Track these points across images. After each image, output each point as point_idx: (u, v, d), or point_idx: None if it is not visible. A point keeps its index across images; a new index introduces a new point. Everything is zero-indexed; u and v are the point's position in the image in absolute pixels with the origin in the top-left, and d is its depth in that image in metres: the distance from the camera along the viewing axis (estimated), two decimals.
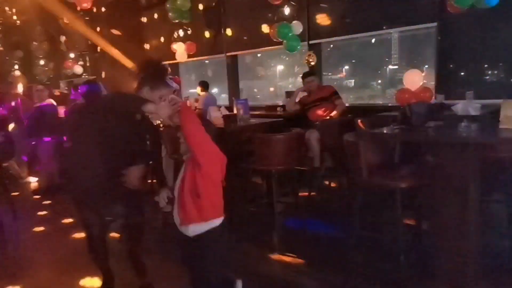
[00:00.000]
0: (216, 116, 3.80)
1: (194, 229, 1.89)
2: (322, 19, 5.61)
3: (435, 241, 2.56)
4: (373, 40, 6.21)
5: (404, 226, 2.97)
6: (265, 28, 5.83)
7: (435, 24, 4.56)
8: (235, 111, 4.39)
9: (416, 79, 4.23)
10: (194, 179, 1.86)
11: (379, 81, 7.74)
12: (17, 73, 10.64)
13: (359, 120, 3.84)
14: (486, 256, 2.57)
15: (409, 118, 2.70)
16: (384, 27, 5.12)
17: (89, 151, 2.29)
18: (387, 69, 7.38)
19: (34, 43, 10.20)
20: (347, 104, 5.17)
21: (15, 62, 11.11)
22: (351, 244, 3.04)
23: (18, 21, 8.53)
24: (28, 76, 10.86)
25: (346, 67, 8.37)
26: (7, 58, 11.34)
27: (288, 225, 3.78)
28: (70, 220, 4.32)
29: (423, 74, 4.92)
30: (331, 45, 6.62)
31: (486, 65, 4.44)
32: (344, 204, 4.15)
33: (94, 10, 7.87)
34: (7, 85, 7.33)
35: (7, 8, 8.05)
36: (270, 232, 3.58)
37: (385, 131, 2.71)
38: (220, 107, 4.51)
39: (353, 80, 8.39)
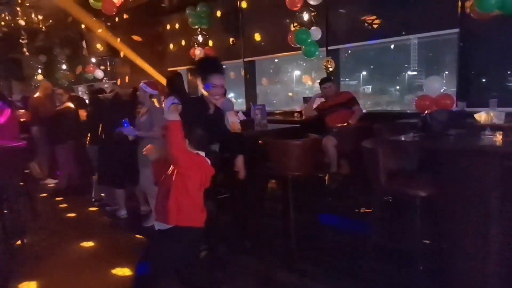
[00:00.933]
0: (233, 121, 3.81)
1: (157, 225, 2.13)
2: (341, 25, 5.58)
3: (455, 250, 2.50)
4: (392, 46, 6.15)
5: (424, 235, 2.89)
6: (283, 34, 5.82)
7: (457, 30, 4.48)
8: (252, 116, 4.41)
9: (437, 86, 4.16)
10: (170, 181, 2.05)
11: (397, 87, 7.65)
12: (40, 77, 10.97)
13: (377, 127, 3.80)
14: (508, 265, 2.49)
15: (430, 125, 2.65)
16: (404, 33, 5.04)
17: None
18: (406, 75, 7.29)
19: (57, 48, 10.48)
20: (364, 111, 5.11)
21: (39, 66, 11.44)
22: (369, 253, 2.99)
23: (43, 27, 8.78)
24: (51, 80, 11.17)
25: (364, 72, 8.31)
26: (31, 62, 11.69)
27: (304, 232, 3.73)
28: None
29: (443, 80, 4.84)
30: (349, 51, 6.58)
31: (510, 72, 4.33)
32: (362, 211, 4.09)
33: (116, 18, 8.04)
34: (30, 88, 7.54)
35: (33, 15, 8.31)
36: (285, 238, 3.53)
37: (404, 138, 2.68)
38: (238, 112, 4.52)
39: (371, 86, 8.33)
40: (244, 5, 6.81)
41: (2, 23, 8.48)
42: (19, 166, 4.38)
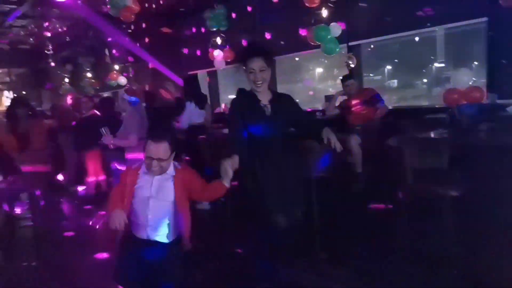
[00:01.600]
0: None
1: None
2: (362, 20, 5.44)
3: (489, 253, 2.35)
4: (416, 38, 5.94)
5: (455, 237, 2.74)
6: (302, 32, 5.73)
7: (485, 19, 4.26)
8: None
9: (465, 78, 3.96)
10: None
11: (424, 80, 7.39)
12: (67, 86, 11.30)
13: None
14: None
15: (458, 120, 2.52)
16: (429, 24, 4.85)
17: None
18: (433, 67, 7.03)
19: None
20: (390, 107, 4.94)
21: (65, 75, 11.79)
22: (398, 256, 2.86)
23: (67, 38, 9.04)
24: (77, 88, 11.50)
25: (389, 67, 8.08)
26: (58, 72, 12.07)
27: (329, 234, 3.62)
28: None
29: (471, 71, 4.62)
30: (371, 46, 6.41)
31: None
32: (389, 212, 3.94)
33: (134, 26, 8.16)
34: (58, 97, 7.75)
35: (57, 25, 8.57)
36: (309, 241, 3.43)
37: (432, 135, 2.55)
38: None
39: (396, 81, 8.09)
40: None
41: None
42: (46, 177, 4.49)
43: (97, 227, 4.06)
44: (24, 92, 14.34)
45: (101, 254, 3.67)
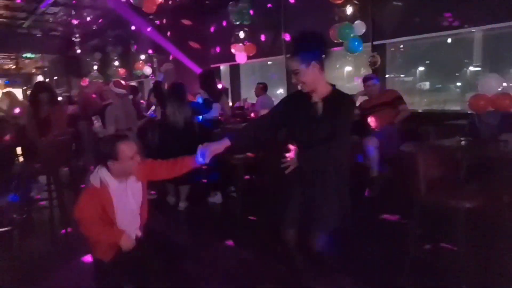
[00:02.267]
0: None
1: None
2: (388, 18, 5.25)
3: (502, 269, 2.20)
4: (449, 40, 5.67)
5: (468, 251, 2.59)
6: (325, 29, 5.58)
7: None
8: None
9: (493, 84, 3.73)
10: None
11: (458, 84, 7.09)
12: (95, 73, 11.56)
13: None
14: None
15: (478, 128, 2.37)
16: (466, 25, 4.60)
17: None
18: (467, 71, 6.73)
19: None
20: (420, 110, 4.75)
21: (94, 63, 12.07)
22: (407, 266, 2.74)
23: (94, 26, 9.22)
24: (104, 76, 11.75)
25: (421, 68, 7.80)
26: (88, 59, 12.38)
27: (339, 240, 3.51)
28: None
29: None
30: (401, 46, 6.19)
31: None
32: (402, 220, 3.79)
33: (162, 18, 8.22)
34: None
35: (85, 14, 8.75)
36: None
37: (448, 143, 2.41)
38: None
39: (428, 83, 7.80)
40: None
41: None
42: (65, 159, 4.57)
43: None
44: (55, 78, 14.84)
45: None
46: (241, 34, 7.09)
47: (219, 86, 5.50)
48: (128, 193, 2.04)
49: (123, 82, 4.84)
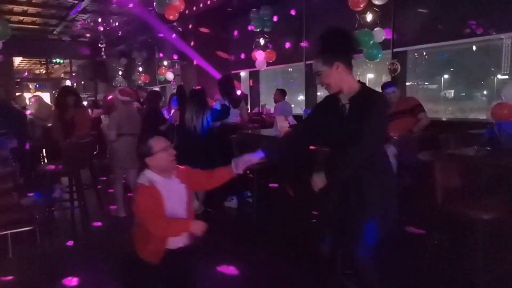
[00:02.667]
0: (282, 126, 3.71)
1: None
2: (410, 25, 5.18)
3: None
4: (474, 47, 5.54)
5: (487, 264, 2.51)
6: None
7: None
8: None
9: None
10: None
11: (484, 93, 6.90)
12: (120, 78, 11.87)
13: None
14: None
15: (498, 138, 2.30)
16: (494, 32, 4.49)
17: None
18: (495, 79, 6.55)
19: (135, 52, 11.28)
20: (443, 118, 4.65)
21: (120, 68, 12.41)
22: (422, 278, 2.68)
23: (120, 32, 9.49)
24: (129, 81, 12.06)
25: (446, 76, 7.63)
26: (114, 65, 12.73)
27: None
28: None
29: None
30: (424, 53, 6.09)
31: None
32: (420, 231, 3.70)
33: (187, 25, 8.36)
34: (113, 89, 8.11)
35: (111, 20, 9.02)
36: (330, 256, 3.30)
37: (467, 152, 2.35)
38: (288, 116, 4.41)
39: (453, 91, 7.62)
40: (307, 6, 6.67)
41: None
42: (87, 160, 4.71)
43: None
44: (82, 82, 15.32)
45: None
46: (262, 41, 7.14)
47: (238, 92, 5.54)
48: (174, 191, 2.10)
49: (128, 89, 5.03)
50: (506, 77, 5.80)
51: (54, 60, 13.80)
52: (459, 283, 2.66)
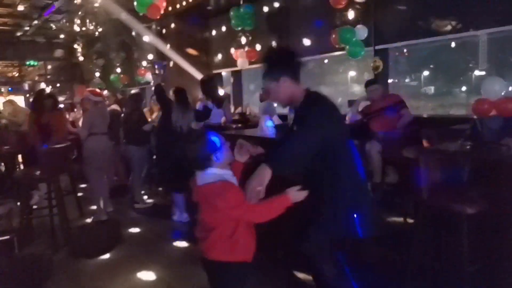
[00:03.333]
0: (267, 125, 3.68)
1: None
2: (390, 22, 5.23)
3: (506, 275, 2.15)
4: (453, 44, 5.64)
5: (471, 257, 2.54)
6: (327, 34, 5.55)
7: None
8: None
9: (497, 88, 3.69)
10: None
11: (464, 88, 7.04)
12: (97, 80, 11.60)
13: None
14: None
15: (480, 133, 2.33)
16: (471, 29, 4.57)
17: None
18: (473, 75, 6.70)
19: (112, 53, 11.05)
20: (424, 115, 4.71)
21: (97, 70, 12.12)
22: (410, 272, 2.69)
23: (97, 33, 9.26)
24: (106, 83, 11.79)
25: (426, 72, 7.75)
26: (90, 66, 12.44)
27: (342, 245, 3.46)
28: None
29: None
30: (404, 50, 6.16)
31: None
32: (406, 226, 3.74)
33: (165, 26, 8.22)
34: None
35: (87, 21, 8.80)
36: None
37: (449, 147, 2.37)
38: (272, 116, 4.39)
39: (433, 87, 7.75)
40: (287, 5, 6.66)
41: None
42: (65, 166, 4.57)
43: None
44: (58, 85, 14.90)
45: None
46: (243, 40, 7.09)
47: (221, 92, 5.49)
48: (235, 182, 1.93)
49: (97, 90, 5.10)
50: (484, 73, 5.94)
51: (27, 63, 13.38)
52: (444, 276, 2.69)
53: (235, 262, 1.87)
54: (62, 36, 11.06)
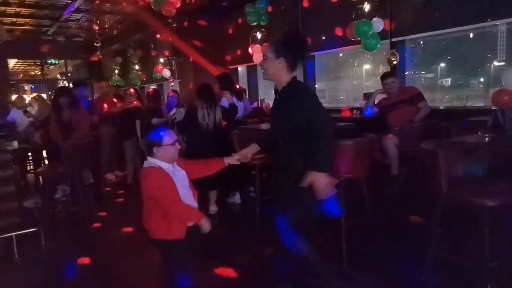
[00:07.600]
0: None
1: None
2: (407, 14, 5.15)
3: None
4: (471, 35, 5.52)
5: (492, 251, 2.51)
6: (343, 27, 5.51)
7: None
8: None
9: None
10: None
11: (481, 80, 6.89)
12: (117, 77, 11.78)
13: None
14: None
15: (502, 124, 2.29)
16: (489, 19, 4.47)
17: None
18: (491, 66, 6.55)
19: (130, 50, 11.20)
20: (441, 107, 4.64)
21: (116, 67, 12.32)
22: (427, 266, 2.68)
23: (115, 31, 9.40)
24: (126, 80, 11.98)
25: (443, 64, 7.60)
26: (109, 64, 12.65)
27: (356, 238, 3.45)
28: None
29: None
30: (421, 42, 6.06)
31: None
32: (423, 219, 3.71)
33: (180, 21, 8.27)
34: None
35: (106, 19, 8.94)
36: (336, 246, 3.29)
37: (469, 140, 2.35)
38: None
39: (450, 79, 7.60)
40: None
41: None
42: (88, 161, 4.68)
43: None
44: None
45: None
46: (258, 35, 7.09)
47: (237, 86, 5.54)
48: (178, 177, 2.23)
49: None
50: (503, 63, 5.80)
51: (49, 61, 13.70)
52: (465, 271, 2.66)
53: (173, 240, 2.15)
54: (82, 35, 11.27)
